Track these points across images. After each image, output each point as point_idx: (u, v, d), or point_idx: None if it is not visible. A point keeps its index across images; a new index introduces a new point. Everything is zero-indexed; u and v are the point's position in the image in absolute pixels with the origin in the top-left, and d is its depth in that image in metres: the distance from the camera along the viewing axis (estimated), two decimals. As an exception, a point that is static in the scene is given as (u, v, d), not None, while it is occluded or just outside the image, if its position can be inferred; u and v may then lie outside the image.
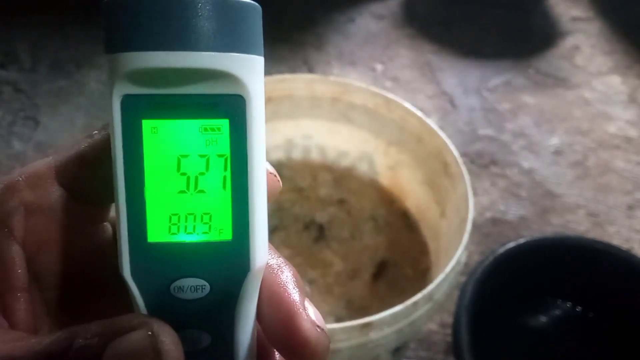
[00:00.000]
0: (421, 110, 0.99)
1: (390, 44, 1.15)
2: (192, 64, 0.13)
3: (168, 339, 0.13)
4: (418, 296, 0.42)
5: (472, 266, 0.58)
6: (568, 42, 1.20)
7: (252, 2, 0.14)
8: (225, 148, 0.14)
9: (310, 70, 1.07)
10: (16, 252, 0.16)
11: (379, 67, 1.09)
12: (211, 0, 0.13)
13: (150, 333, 0.13)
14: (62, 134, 0.92)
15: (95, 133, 0.17)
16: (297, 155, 0.68)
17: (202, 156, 0.14)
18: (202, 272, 0.14)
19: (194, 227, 0.14)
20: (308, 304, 0.15)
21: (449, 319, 0.68)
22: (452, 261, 0.44)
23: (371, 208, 0.65)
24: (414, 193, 0.64)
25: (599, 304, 0.64)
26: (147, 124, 0.14)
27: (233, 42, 0.13)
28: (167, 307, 0.14)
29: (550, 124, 1.00)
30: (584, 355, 0.63)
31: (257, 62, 0.14)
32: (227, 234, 0.14)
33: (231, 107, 0.14)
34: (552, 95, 1.06)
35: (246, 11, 0.14)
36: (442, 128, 0.96)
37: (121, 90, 0.14)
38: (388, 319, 0.41)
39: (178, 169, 0.14)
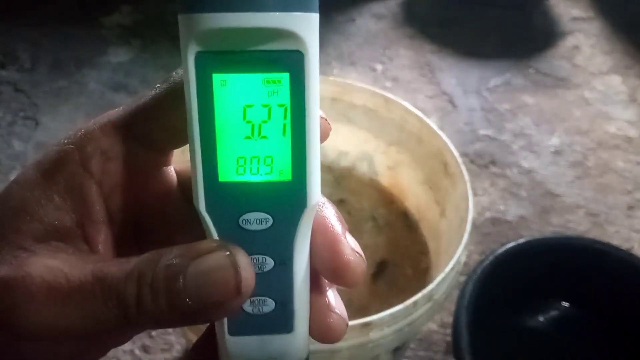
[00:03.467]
0: (421, 110, 0.99)
1: (390, 44, 1.15)
2: (257, 24, 0.15)
3: (243, 258, 0.16)
4: (418, 296, 0.42)
5: (472, 266, 0.58)
6: (568, 42, 1.20)
7: None
8: (285, 99, 0.16)
9: (310, 70, 1.07)
10: (95, 191, 0.18)
11: (379, 67, 1.09)
12: None
13: (228, 253, 0.16)
14: (62, 133, 0.92)
15: (158, 86, 0.18)
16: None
17: (264, 106, 0.16)
18: (266, 207, 0.16)
19: (258, 168, 0.16)
20: (348, 235, 0.18)
21: (448, 319, 0.68)
22: (452, 261, 0.44)
23: (371, 208, 0.65)
24: (413, 193, 0.64)
25: (598, 304, 0.64)
26: (216, 78, 0.15)
27: (292, 2, 0.15)
28: (237, 237, 0.16)
29: (550, 124, 1.00)
30: (583, 354, 0.63)
31: (313, 18, 0.16)
32: (287, 175, 0.16)
33: (291, 62, 0.16)
34: (552, 95, 1.06)
35: None
36: (442, 128, 0.96)
37: (195, 47, 0.15)
38: (388, 319, 0.41)
39: (244, 117, 0.16)
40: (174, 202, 0.19)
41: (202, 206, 0.16)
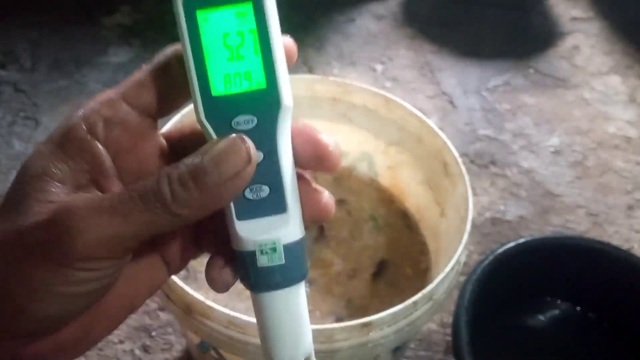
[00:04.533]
0: (421, 110, 0.99)
1: (390, 45, 1.16)
2: None
3: (243, 136, 0.20)
4: (418, 296, 0.42)
5: (472, 266, 0.58)
6: (568, 42, 1.21)
7: None
8: (253, 24, 0.20)
9: (311, 70, 1.07)
10: (104, 152, 0.21)
11: (379, 67, 1.10)
12: None
13: (234, 136, 0.20)
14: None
15: (145, 64, 0.22)
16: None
17: (238, 33, 0.20)
18: (251, 110, 0.21)
19: (240, 82, 0.21)
20: (320, 132, 0.22)
21: (448, 319, 0.68)
22: (452, 261, 0.45)
23: (371, 208, 0.65)
24: (413, 193, 0.64)
25: (598, 304, 0.64)
26: (199, 15, 0.20)
27: None
28: None
29: (549, 124, 1.00)
30: (583, 355, 0.63)
31: None
32: (262, 84, 0.21)
33: None
34: (551, 96, 1.06)
35: None
36: (442, 128, 0.96)
37: None
38: (388, 319, 0.41)
39: (224, 44, 0.20)
40: (164, 159, 0.23)
41: (202, 115, 0.21)
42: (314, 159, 0.22)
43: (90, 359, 0.64)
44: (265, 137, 0.21)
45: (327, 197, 0.23)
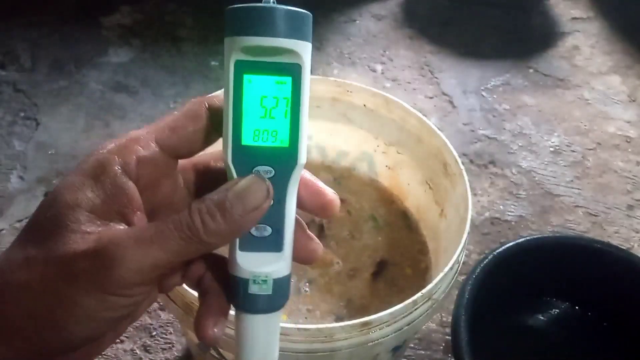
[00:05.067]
0: (421, 110, 0.99)
1: (390, 45, 1.16)
2: (274, 44, 0.23)
3: (263, 177, 0.24)
4: (417, 295, 0.42)
5: (471, 265, 0.58)
6: (568, 42, 1.21)
7: (306, 11, 0.24)
8: (288, 93, 0.23)
9: (311, 70, 1.07)
10: (134, 188, 0.23)
11: (379, 67, 1.10)
12: (285, 10, 0.23)
13: (255, 175, 0.23)
14: (62, 133, 0.93)
15: (176, 111, 0.25)
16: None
17: (274, 97, 0.23)
18: (271, 163, 0.24)
19: (267, 137, 0.24)
20: (322, 183, 0.26)
21: (448, 318, 0.68)
22: (451, 260, 0.45)
23: (371, 208, 0.65)
24: (413, 193, 0.64)
25: (598, 304, 0.64)
26: (246, 77, 0.23)
27: (296, 33, 0.23)
28: None
29: (549, 124, 1.00)
30: (582, 354, 0.63)
31: (308, 45, 0.24)
32: (286, 143, 0.24)
33: (293, 70, 0.23)
34: (551, 95, 1.07)
35: (303, 16, 0.23)
36: (441, 128, 0.96)
37: (235, 57, 0.23)
38: (387, 318, 0.41)
39: (261, 104, 0.23)
40: (181, 195, 0.26)
41: (229, 159, 0.24)
42: (318, 208, 0.26)
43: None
44: (278, 187, 0.24)
45: (317, 244, 0.26)
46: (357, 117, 0.64)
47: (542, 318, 0.66)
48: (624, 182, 0.91)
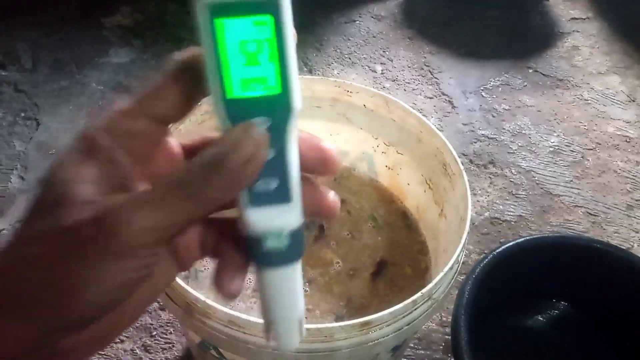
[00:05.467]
0: (420, 110, 0.99)
1: (390, 45, 1.16)
2: None
3: (256, 122, 0.22)
4: (417, 295, 0.42)
5: (471, 265, 0.58)
6: (567, 43, 1.21)
7: None
8: (270, 34, 0.21)
9: (311, 71, 1.07)
10: (129, 161, 0.23)
11: (379, 68, 1.10)
12: None
13: (246, 122, 0.22)
14: (63, 134, 0.93)
15: (157, 74, 0.24)
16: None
17: (256, 40, 0.21)
18: (265, 112, 0.22)
19: (256, 86, 0.22)
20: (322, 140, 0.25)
21: (448, 318, 0.69)
22: (451, 260, 0.45)
23: (371, 208, 0.65)
24: (413, 193, 0.64)
25: (597, 304, 0.65)
26: (219, 22, 0.21)
27: None
28: None
29: (549, 124, 1.00)
30: (582, 354, 0.64)
31: None
32: (277, 89, 0.22)
33: (271, 6, 0.21)
34: (550, 96, 1.07)
35: None
36: (441, 128, 0.96)
37: (206, 1, 0.21)
38: (387, 318, 0.41)
39: (242, 50, 0.22)
40: (177, 162, 0.25)
41: (219, 117, 0.23)
42: (318, 164, 0.25)
43: (92, 358, 0.64)
44: (277, 137, 0.23)
45: (332, 196, 0.26)
46: (357, 117, 0.64)
47: (541, 318, 0.66)
48: (623, 182, 0.91)
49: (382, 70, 1.09)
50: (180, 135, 0.26)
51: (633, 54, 1.18)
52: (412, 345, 0.67)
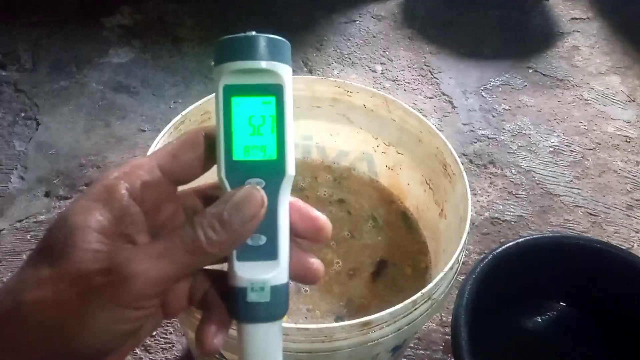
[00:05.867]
0: (421, 110, 0.99)
1: (390, 45, 1.16)
2: (257, 66, 0.25)
3: (257, 186, 0.25)
4: (417, 295, 0.42)
5: (471, 265, 0.58)
6: (567, 43, 1.21)
7: (284, 39, 0.26)
8: (273, 111, 0.26)
9: (311, 71, 1.07)
10: (139, 211, 0.25)
11: (379, 68, 1.10)
12: (264, 37, 0.25)
13: (249, 186, 0.25)
14: (63, 134, 0.93)
15: (177, 139, 0.27)
16: (297, 155, 0.69)
17: (261, 116, 0.26)
18: (261, 175, 0.26)
19: (257, 152, 0.26)
20: (315, 210, 0.27)
21: (447, 318, 0.69)
22: (451, 260, 0.45)
23: (371, 208, 0.65)
24: (413, 193, 0.64)
25: (597, 304, 0.65)
26: (234, 100, 0.25)
27: (277, 57, 0.26)
28: None
29: (549, 124, 1.00)
30: (581, 354, 0.64)
31: (288, 68, 0.26)
32: (273, 156, 0.26)
33: (276, 90, 0.26)
34: (550, 96, 1.07)
35: (283, 42, 0.26)
36: (441, 128, 0.96)
37: (223, 82, 0.25)
38: (387, 318, 0.41)
39: (249, 123, 0.26)
40: (180, 218, 0.27)
41: (223, 174, 0.26)
42: (310, 231, 0.27)
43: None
44: (270, 197, 0.26)
45: (317, 263, 0.27)
46: (357, 117, 0.64)
47: (541, 318, 0.66)
48: (623, 182, 0.91)
49: (382, 70, 1.09)
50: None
51: (633, 54, 1.18)
52: (412, 345, 0.67)
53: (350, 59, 1.11)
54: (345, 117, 0.65)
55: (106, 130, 0.94)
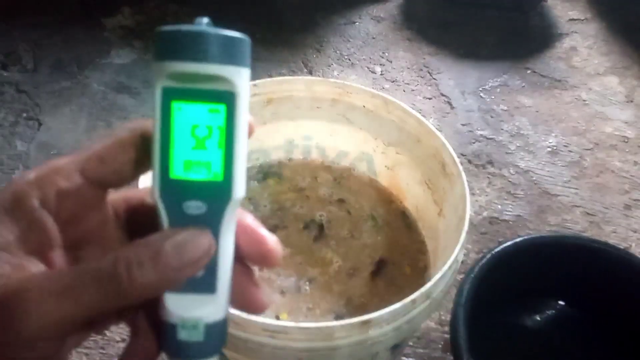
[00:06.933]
0: (420, 111, 1.00)
1: (389, 46, 1.16)
2: (203, 71, 0.21)
3: (208, 232, 0.22)
4: (416, 294, 0.42)
5: (470, 264, 0.59)
6: (565, 43, 1.21)
7: (243, 36, 0.22)
8: (222, 122, 0.22)
9: (311, 72, 1.07)
10: (53, 223, 0.21)
11: (378, 69, 1.10)
12: (216, 34, 0.21)
13: (198, 229, 0.21)
14: (64, 134, 0.93)
15: (106, 137, 0.23)
16: (297, 155, 0.69)
17: (207, 126, 0.22)
18: (202, 197, 0.22)
19: (199, 169, 0.22)
20: (266, 230, 0.24)
21: (446, 317, 0.69)
22: (450, 260, 0.45)
23: (370, 207, 0.66)
24: (412, 193, 0.65)
25: (595, 303, 0.65)
26: (174, 104, 0.21)
27: (229, 59, 0.21)
28: (180, 220, 0.22)
29: (547, 125, 1.01)
30: (580, 354, 0.64)
31: (244, 71, 0.22)
32: (219, 177, 0.22)
33: (226, 98, 0.21)
34: (549, 96, 1.07)
35: (238, 41, 0.22)
36: (440, 129, 0.97)
37: (162, 83, 0.21)
38: (387, 317, 0.42)
39: (192, 134, 0.21)
40: (110, 229, 0.24)
41: (157, 194, 0.22)
42: (257, 256, 0.24)
43: (93, 357, 0.65)
44: (211, 224, 0.22)
45: (265, 293, 0.24)
46: (357, 117, 0.65)
47: (540, 317, 0.67)
48: (621, 182, 0.91)
49: (381, 71, 1.10)
50: (115, 192, 0.24)
51: (631, 55, 1.19)
52: (411, 343, 0.67)
53: (350, 60, 1.12)
54: (345, 117, 0.65)
55: (107, 130, 0.94)
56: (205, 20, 0.22)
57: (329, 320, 0.55)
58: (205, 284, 0.22)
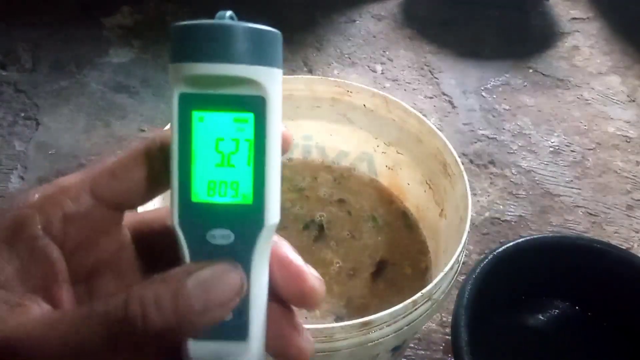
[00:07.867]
0: (421, 110, 0.99)
1: (390, 45, 1.16)
2: (229, 72, 0.18)
3: (239, 268, 0.18)
4: (417, 295, 0.42)
5: (471, 265, 0.58)
6: (567, 43, 1.21)
7: (274, 29, 0.19)
8: (251, 134, 0.18)
9: (311, 71, 1.07)
10: (58, 253, 0.18)
11: (379, 67, 1.10)
12: (244, 28, 0.18)
13: (227, 263, 0.18)
14: (63, 134, 0.93)
15: (120, 152, 0.20)
16: (297, 155, 0.69)
17: (234, 139, 0.18)
18: (230, 224, 0.19)
19: (225, 192, 0.19)
20: (307, 264, 0.20)
21: (448, 318, 0.69)
22: (451, 260, 0.45)
23: (371, 208, 0.65)
24: (413, 193, 0.64)
25: (597, 304, 0.65)
26: (195, 114, 0.18)
27: (259, 58, 0.18)
28: (204, 250, 0.19)
29: (549, 124, 1.00)
30: (582, 354, 0.64)
31: (276, 72, 0.19)
32: (249, 199, 0.19)
33: (255, 105, 0.18)
34: (551, 96, 1.07)
35: (269, 35, 0.18)
36: (441, 128, 0.96)
37: (179, 89, 0.19)
38: (387, 318, 0.41)
39: (216, 148, 0.18)
40: (127, 257, 0.21)
41: (175, 222, 0.19)
42: (295, 296, 0.20)
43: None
44: (240, 257, 0.19)
45: (305, 338, 0.20)
46: (357, 117, 0.64)
47: (542, 318, 0.66)
48: (623, 182, 0.91)
49: (382, 70, 1.09)
50: (132, 213, 0.21)
51: (633, 54, 1.18)
52: (412, 345, 0.67)
53: (350, 58, 1.11)
54: (345, 117, 0.65)
55: (106, 130, 0.94)
56: (229, 13, 0.18)
57: (329, 322, 0.54)
58: (235, 328, 0.19)
